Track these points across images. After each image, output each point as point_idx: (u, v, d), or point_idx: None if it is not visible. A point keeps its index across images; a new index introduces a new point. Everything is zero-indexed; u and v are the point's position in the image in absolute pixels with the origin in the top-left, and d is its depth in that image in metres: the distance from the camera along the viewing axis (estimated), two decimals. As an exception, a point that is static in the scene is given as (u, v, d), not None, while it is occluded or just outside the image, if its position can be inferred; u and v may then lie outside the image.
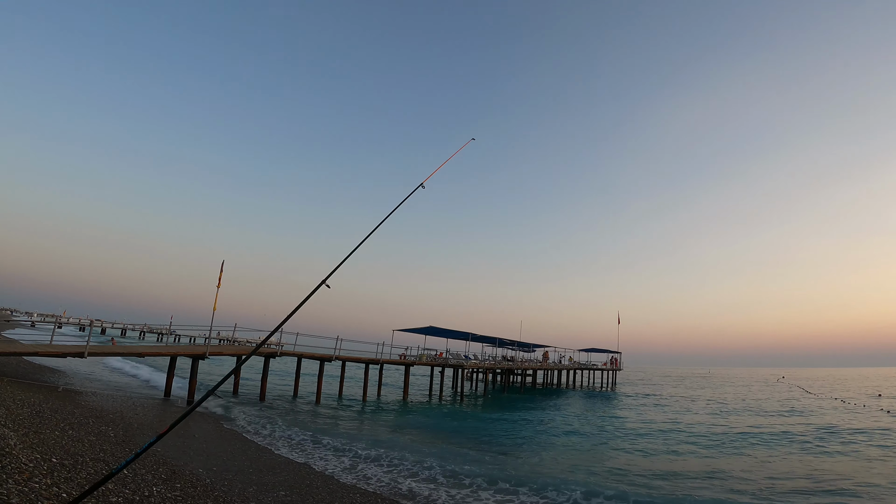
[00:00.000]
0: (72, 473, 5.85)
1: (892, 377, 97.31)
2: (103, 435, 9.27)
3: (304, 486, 8.79)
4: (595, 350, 54.56)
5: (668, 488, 11.08)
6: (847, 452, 16.57)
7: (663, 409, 31.79)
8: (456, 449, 14.35)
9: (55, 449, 6.82)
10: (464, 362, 34.30)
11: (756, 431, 21.07)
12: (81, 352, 16.42)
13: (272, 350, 23.90)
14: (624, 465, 13.77)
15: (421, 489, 9.46)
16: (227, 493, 7.27)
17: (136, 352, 20.04)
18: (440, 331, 34.64)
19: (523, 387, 42.17)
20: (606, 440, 18.28)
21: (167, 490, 6.39)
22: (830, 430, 21.57)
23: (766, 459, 15.15)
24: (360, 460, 11.63)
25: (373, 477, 10.17)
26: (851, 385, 66.26)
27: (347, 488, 9.04)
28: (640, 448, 16.63)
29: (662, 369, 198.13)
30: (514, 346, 46.14)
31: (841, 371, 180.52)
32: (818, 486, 11.79)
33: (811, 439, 19.19)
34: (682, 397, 42.24)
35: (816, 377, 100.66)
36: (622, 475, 12.28)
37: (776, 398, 39.99)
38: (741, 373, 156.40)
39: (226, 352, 23.86)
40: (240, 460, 10.27)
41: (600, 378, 56.27)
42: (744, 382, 69.48)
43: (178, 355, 20.67)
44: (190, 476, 7.67)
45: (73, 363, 28.75)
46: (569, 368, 50.62)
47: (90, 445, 7.91)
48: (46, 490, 4.97)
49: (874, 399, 36.51)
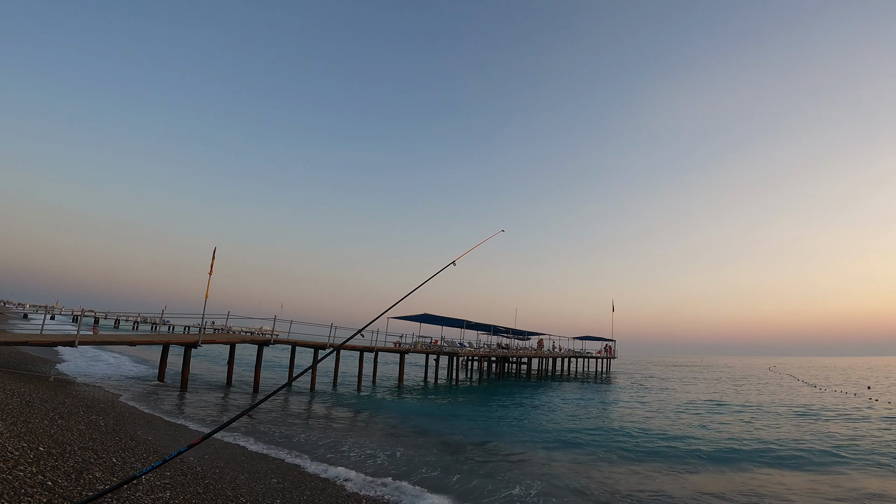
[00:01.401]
0: (58, 462, 5.79)
1: (883, 367, 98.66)
2: (93, 424, 9.22)
3: (296, 474, 8.80)
4: (589, 338, 54.82)
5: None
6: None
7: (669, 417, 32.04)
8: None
9: (43, 438, 6.75)
10: (458, 350, 34.39)
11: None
12: (72, 341, 16.32)
13: (266, 338, 23.84)
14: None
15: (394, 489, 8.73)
16: (218, 481, 7.24)
17: (128, 340, 19.95)
18: (435, 318, 34.67)
19: (518, 375, 42.40)
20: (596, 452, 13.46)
21: (155, 478, 6.35)
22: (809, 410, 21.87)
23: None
24: (349, 449, 11.64)
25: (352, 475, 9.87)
26: (842, 375, 67.13)
27: (334, 479, 9.05)
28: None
29: (656, 357, 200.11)
30: (509, 333, 46.31)
31: (836, 361, 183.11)
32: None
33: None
34: (686, 394, 42.55)
35: (808, 366, 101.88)
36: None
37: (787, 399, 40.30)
38: (733, 361, 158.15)
39: (219, 340, 23.77)
40: (231, 448, 10.26)
41: (595, 366, 56.69)
42: (743, 374, 70.27)
43: (170, 343, 20.60)
44: (179, 463, 7.64)
45: (66, 354, 28.64)
46: (564, 356, 50.92)
47: (79, 434, 7.85)
48: (31, 478, 4.91)
49: (863, 390, 37.00)
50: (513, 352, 43.18)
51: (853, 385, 43.57)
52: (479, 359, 39.90)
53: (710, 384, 44.37)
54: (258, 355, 23.24)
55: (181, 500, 5.82)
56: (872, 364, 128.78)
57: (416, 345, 33.63)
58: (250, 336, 31.74)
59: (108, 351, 33.91)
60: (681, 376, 56.68)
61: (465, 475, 9.98)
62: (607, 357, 55.82)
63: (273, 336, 24.06)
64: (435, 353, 33.46)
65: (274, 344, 23.71)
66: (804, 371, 77.18)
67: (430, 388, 30.07)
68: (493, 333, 43.70)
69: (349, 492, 8.17)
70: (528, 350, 46.28)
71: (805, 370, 77.27)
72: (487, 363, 43.20)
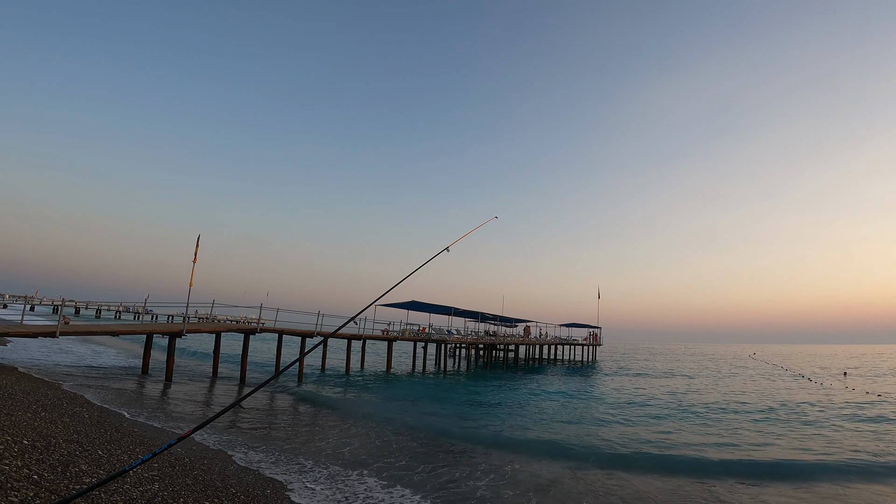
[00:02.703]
0: (44, 455, 5.72)
1: (861, 355, 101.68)
2: (77, 416, 9.11)
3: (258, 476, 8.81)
4: (576, 325, 55.48)
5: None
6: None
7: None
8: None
9: (27, 431, 6.66)
10: (446, 337, 34.55)
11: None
12: (53, 331, 16.03)
13: (252, 327, 23.66)
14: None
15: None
16: (207, 472, 7.23)
17: (111, 330, 19.63)
18: (423, 305, 34.72)
19: (505, 363, 42.82)
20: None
21: (143, 470, 6.31)
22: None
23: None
24: (325, 446, 11.68)
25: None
26: (818, 362, 69.01)
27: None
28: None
29: (640, 344, 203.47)
30: (497, 320, 46.60)
31: (815, 348, 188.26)
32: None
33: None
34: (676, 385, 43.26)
35: (787, 354, 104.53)
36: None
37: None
38: (716, 349, 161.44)
39: (204, 329, 23.53)
40: (215, 446, 10.23)
41: (581, 353, 57.45)
42: (726, 360, 72.00)
43: (154, 333, 20.35)
44: (168, 455, 7.60)
45: (48, 345, 28.15)
46: (550, 343, 51.50)
47: (64, 427, 7.75)
48: (17, 472, 4.85)
49: (839, 377, 38.12)
50: (500, 339, 43.52)
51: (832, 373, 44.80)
52: (467, 346, 40.11)
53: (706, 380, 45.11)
54: (244, 344, 23.05)
55: (170, 493, 5.80)
56: (850, 352, 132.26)
57: (404, 332, 33.68)
58: (236, 325, 31.46)
59: (87, 343, 33.40)
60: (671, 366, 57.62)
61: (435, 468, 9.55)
62: (593, 344, 56.58)
63: (259, 325, 23.88)
64: (423, 340, 33.56)
65: (261, 333, 23.54)
66: (790, 361, 79.16)
67: (418, 376, 30.19)
68: (481, 321, 43.95)
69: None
70: (515, 337, 46.68)
71: (789, 359, 79.21)
72: (475, 351, 43.50)
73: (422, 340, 33.59)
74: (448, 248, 6.66)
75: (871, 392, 27.03)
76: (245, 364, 22.17)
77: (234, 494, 6.46)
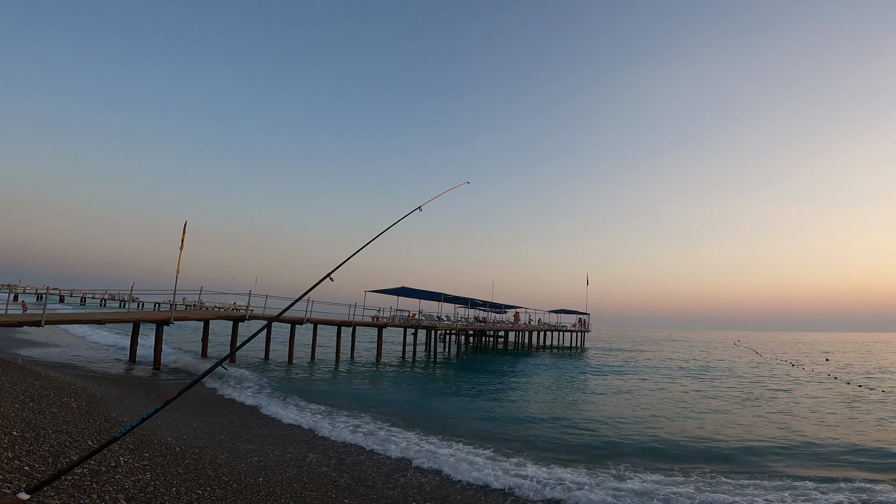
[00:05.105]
0: (34, 446, 5.72)
1: (844, 342, 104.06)
2: (66, 406, 9.06)
3: (276, 454, 8.88)
4: (565, 311, 56.08)
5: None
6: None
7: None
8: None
9: (15, 422, 6.63)
10: (436, 323, 34.72)
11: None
12: (38, 320, 15.83)
13: (241, 314, 23.59)
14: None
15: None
16: (198, 461, 7.27)
17: (96, 318, 19.42)
18: (413, 291, 34.80)
19: (495, 348, 43.26)
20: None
21: (135, 460, 6.34)
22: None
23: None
24: (334, 429, 11.79)
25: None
26: (801, 349, 70.58)
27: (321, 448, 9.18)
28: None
29: (628, 332, 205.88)
30: (486, 307, 46.97)
31: (802, 336, 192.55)
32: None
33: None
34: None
35: (772, 341, 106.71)
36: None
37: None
38: (702, 336, 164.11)
39: (192, 316, 23.40)
40: (210, 428, 10.27)
41: (570, 339, 58.18)
42: (712, 347, 73.47)
43: (141, 321, 20.21)
44: (158, 445, 7.63)
45: (34, 335, 27.81)
46: (539, 329, 52.03)
47: (52, 417, 7.72)
48: (8, 463, 4.86)
49: (821, 363, 39.10)
50: (490, 325, 43.86)
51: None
52: (457, 332, 40.38)
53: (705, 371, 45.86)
54: (233, 332, 23.00)
55: (162, 482, 5.84)
56: (834, 339, 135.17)
57: (393, 319, 33.78)
58: (224, 312, 31.29)
59: (73, 331, 33.03)
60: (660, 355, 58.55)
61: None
62: (582, 330, 57.30)
63: (248, 311, 23.80)
64: (413, 326, 33.68)
65: (249, 320, 23.49)
66: (765, 346, 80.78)
67: (408, 363, 30.37)
68: (471, 307, 44.23)
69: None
70: (504, 323, 47.06)
71: (778, 345, 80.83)
72: (465, 336, 43.81)
73: (412, 327, 33.72)
74: (420, 207, 6.82)
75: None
76: (234, 351, 22.10)
77: (227, 483, 6.53)
